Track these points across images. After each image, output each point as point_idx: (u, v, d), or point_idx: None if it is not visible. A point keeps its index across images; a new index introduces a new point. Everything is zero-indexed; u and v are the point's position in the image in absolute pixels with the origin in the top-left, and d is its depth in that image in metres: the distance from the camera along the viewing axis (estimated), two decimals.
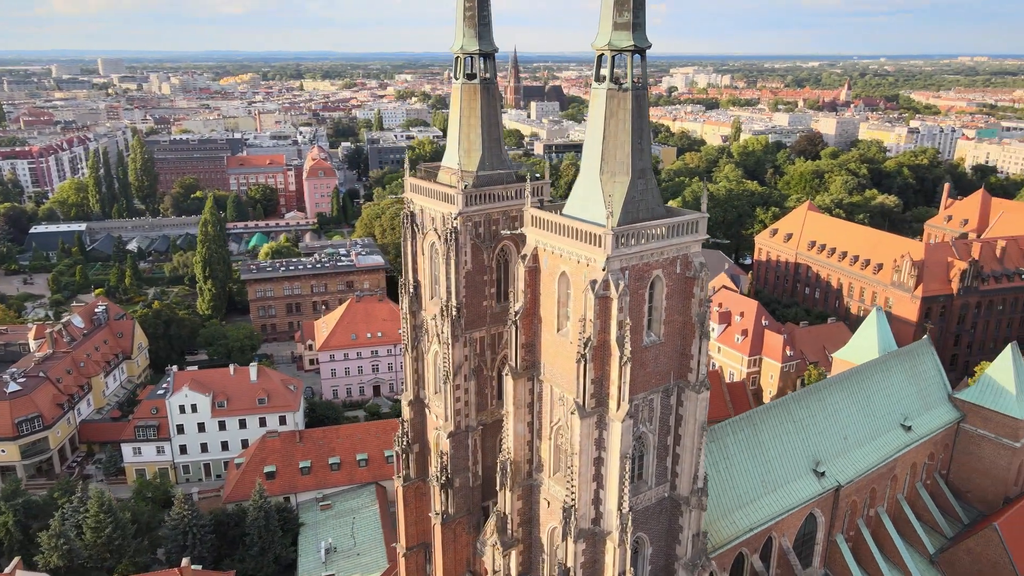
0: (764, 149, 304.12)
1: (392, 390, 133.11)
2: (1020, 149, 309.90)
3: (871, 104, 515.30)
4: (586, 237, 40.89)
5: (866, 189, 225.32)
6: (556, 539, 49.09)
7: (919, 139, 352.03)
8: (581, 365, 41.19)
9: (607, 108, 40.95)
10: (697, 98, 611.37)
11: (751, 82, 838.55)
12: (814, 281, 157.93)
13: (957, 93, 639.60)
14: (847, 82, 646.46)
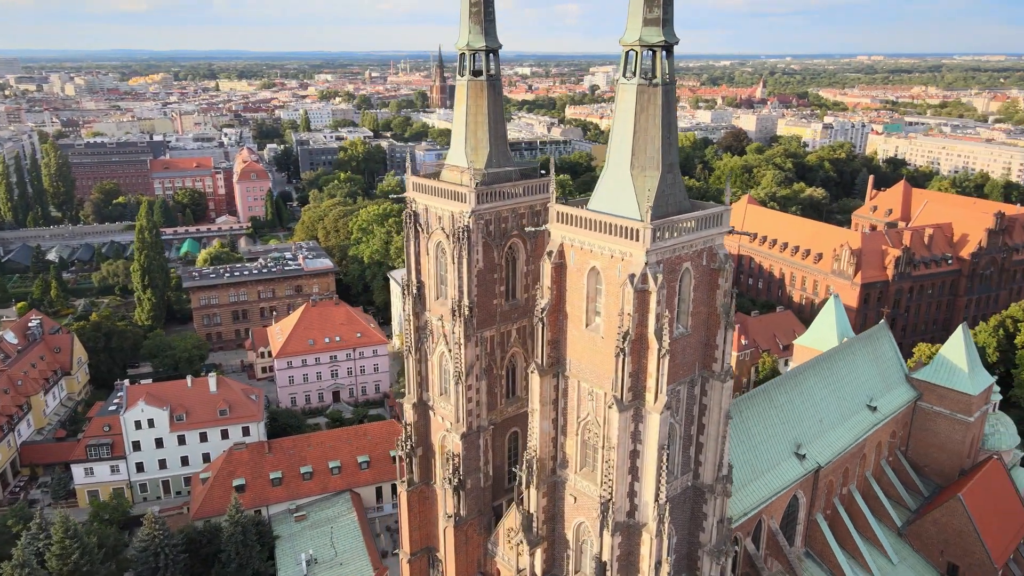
0: (692, 146, 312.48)
1: (352, 395, 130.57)
2: (925, 143, 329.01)
3: (784, 101, 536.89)
4: (621, 231, 41.23)
5: (793, 183, 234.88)
6: (582, 534, 49.38)
7: (833, 134, 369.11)
8: (620, 359, 41.50)
9: (637, 103, 41.37)
10: None
11: None
12: (757, 272, 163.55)
13: (860, 90, 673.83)
14: (761, 80, 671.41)
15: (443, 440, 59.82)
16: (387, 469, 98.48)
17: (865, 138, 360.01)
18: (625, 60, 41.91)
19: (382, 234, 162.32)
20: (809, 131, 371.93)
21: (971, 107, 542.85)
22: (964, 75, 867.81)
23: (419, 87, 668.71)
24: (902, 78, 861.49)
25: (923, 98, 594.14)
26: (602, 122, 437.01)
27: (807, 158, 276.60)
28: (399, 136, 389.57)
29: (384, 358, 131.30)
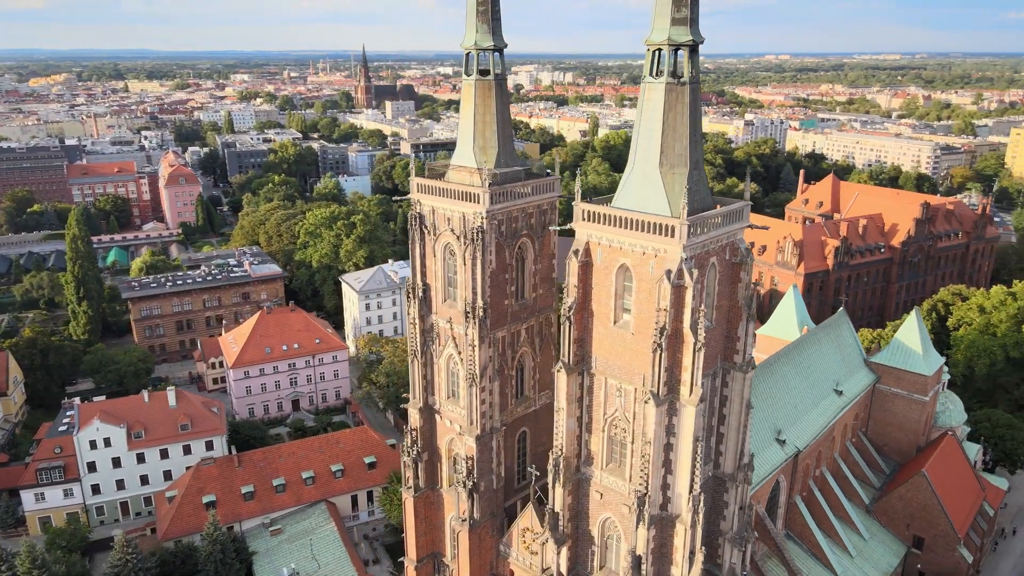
0: (624, 143, 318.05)
1: (312, 403, 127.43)
2: (840, 138, 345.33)
3: (705, 99, 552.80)
4: (654, 228, 41.83)
5: (726, 178, 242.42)
6: (608, 530, 49.86)
7: (754, 131, 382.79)
8: (657, 354, 42.10)
9: (666, 102, 42.07)
10: (545, 95, 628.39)
11: (590, 79, 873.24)
12: None
13: (773, 88, 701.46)
14: None
15: (450, 443, 59.27)
16: (362, 477, 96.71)
17: (784, 134, 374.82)
18: (653, 59, 42.48)
19: (331, 237, 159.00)
20: (732, 128, 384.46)
21: (875, 103, 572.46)
22: (865, 73, 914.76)
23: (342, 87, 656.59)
24: (809, 76, 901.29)
25: (831, 95, 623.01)
26: (531, 120, 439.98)
27: (734, 153, 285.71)
28: (327, 137, 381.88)
29: (344, 364, 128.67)
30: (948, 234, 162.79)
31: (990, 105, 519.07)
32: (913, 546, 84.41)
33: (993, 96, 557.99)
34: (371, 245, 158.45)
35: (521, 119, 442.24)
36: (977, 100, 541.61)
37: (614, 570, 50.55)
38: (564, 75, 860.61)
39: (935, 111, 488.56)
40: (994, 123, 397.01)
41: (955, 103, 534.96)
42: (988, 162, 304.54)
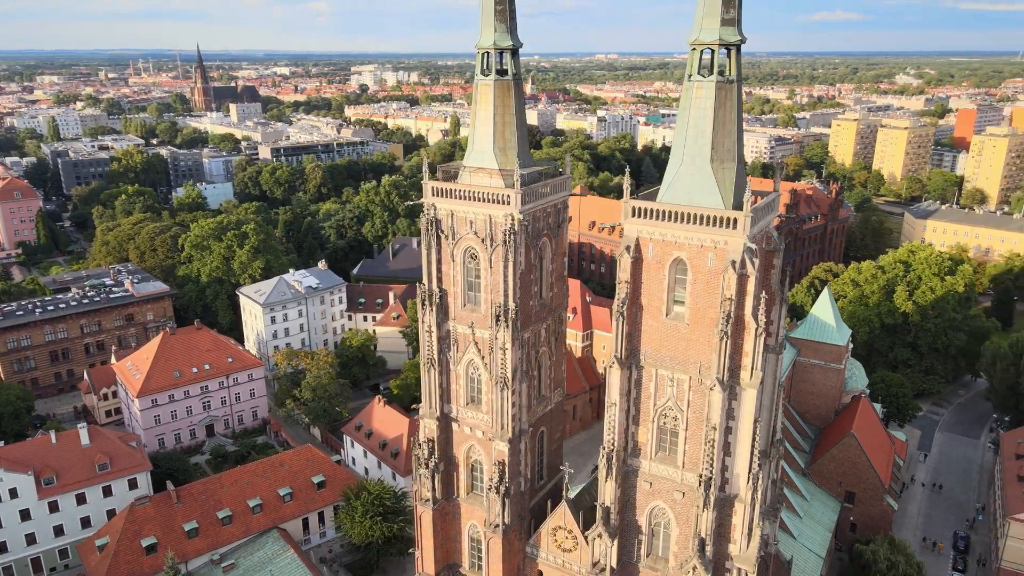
0: None
1: (227, 427, 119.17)
2: None
3: (552, 97, 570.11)
4: (715, 221, 43.46)
5: (597, 173, 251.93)
6: (656, 518, 51.17)
7: (607, 127, 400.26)
8: (723, 342, 43.83)
9: (716, 99, 43.74)
10: (394, 95, 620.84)
11: (434, 79, 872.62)
12: (599, 257, 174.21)
13: (611, 85, 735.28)
14: (530, 77, 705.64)
15: (469, 451, 58.15)
16: (312, 498, 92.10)
17: (635, 129, 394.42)
18: (700, 59, 44.04)
19: (221, 249, 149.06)
20: (587, 124, 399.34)
21: None
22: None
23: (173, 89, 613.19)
24: (640, 75, 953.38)
25: (666, 92, 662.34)
26: (388, 121, 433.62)
27: (599, 149, 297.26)
28: (169, 143, 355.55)
29: (260, 382, 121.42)
30: (810, 217, 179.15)
31: (801, 99, 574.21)
32: (845, 501, 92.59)
33: (803, 91, 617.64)
34: (266, 255, 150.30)
35: (377, 120, 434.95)
36: (791, 95, 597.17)
37: (661, 556, 52.00)
38: (408, 75, 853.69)
39: (758, 105, 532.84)
40: (811, 115, 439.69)
41: (772, 98, 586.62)
42: (815, 151, 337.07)
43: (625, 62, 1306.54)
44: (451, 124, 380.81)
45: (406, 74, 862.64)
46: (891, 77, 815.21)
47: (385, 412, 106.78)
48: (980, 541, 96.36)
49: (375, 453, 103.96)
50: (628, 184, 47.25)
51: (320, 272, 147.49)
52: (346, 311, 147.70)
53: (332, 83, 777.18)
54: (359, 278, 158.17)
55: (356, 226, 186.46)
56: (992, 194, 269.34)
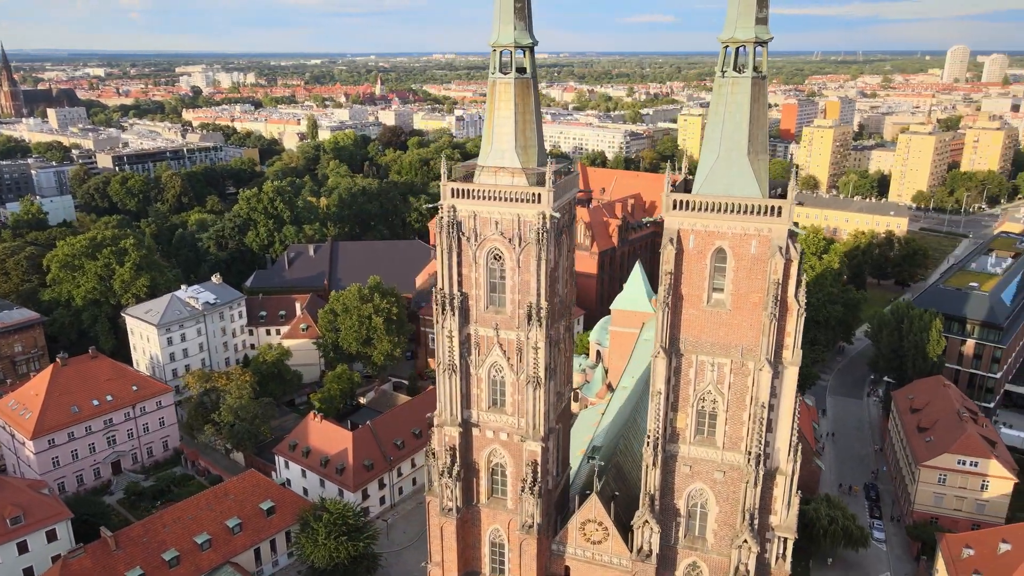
0: (355, 143, 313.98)
1: (136, 461, 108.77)
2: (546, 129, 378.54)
3: (403, 97, 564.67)
4: (760, 210, 45.72)
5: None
6: (693, 499, 53.05)
7: (465, 126, 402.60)
8: (771, 324, 46.25)
9: (752, 95, 45.98)
10: (233, 96, 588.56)
11: (271, 80, 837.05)
12: None
13: (459, 85, 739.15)
14: (379, 78, 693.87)
15: (489, 455, 57.26)
16: (262, 526, 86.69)
17: None
18: (735, 55, 46.10)
19: (97, 269, 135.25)
20: (446, 123, 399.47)
21: (549, 97, 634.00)
22: None
23: None
24: (483, 74, 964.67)
25: None
26: (236, 124, 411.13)
27: (467, 148, 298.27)
28: None
29: (170, 409, 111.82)
30: None
31: (639, 96, 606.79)
32: None
33: (640, 89, 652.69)
34: (150, 272, 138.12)
35: (223, 123, 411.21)
36: (630, 92, 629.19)
37: (699, 536, 53.95)
38: (244, 76, 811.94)
39: (602, 102, 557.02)
40: (654, 112, 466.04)
41: (613, 95, 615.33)
42: (666, 144, 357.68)
43: (464, 61, 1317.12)
44: (308, 126, 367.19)
45: (241, 75, 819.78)
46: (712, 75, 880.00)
47: (323, 428, 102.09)
48: (886, 489, 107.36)
49: (316, 472, 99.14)
50: (669, 179, 48.54)
51: (215, 286, 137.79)
52: (246, 326, 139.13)
53: (159, 85, 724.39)
54: (254, 290, 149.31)
55: (238, 236, 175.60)
56: (823, 180, 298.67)
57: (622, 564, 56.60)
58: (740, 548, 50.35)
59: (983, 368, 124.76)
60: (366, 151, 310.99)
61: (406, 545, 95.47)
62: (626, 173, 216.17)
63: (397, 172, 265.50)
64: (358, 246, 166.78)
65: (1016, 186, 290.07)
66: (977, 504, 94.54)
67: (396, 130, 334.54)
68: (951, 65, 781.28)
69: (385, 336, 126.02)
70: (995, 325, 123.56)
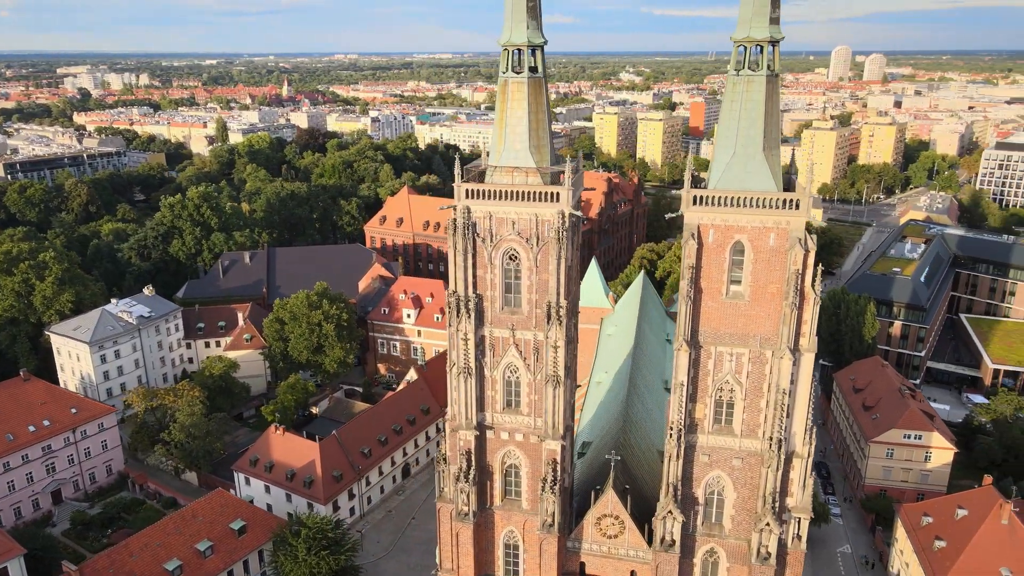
0: (270, 146, 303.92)
1: (78, 488, 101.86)
2: (465, 129, 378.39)
3: (312, 98, 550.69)
4: (779, 204, 47.34)
5: (400, 173, 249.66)
6: (711, 486, 54.41)
7: (381, 127, 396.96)
8: (793, 313, 47.98)
9: (766, 92, 47.52)
10: (128, 99, 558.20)
11: (165, 81, 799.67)
12: (436, 256, 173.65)
13: (366, 86, 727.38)
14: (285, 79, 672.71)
15: (503, 457, 56.89)
16: (234, 547, 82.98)
17: (412, 128, 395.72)
18: (747, 55, 47.51)
19: (14, 284, 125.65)
20: (360, 125, 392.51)
21: (461, 98, 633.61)
22: (436, 71, 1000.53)
23: None
24: (390, 74, 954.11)
25: (421, 91, 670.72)
26: (137, 128, 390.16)
27: (389, 149, 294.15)
28: None
29: (113, 431, 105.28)
30: (621, 203, 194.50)
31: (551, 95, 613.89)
32: None
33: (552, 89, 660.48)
34: (74, 287, 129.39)
35: (120, 127, 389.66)
36: None
37: (715, 522, 55.34)
38: (137, 77, 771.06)
39: None
40: (567, 110, 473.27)
41: None
42: (583, 142, 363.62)
43: (368, 62, 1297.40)
44: (217, 129, 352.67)
45: (132, 76, 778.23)
46: (616, 75, 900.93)
47: (286, 440, 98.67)
48: (834, 466, 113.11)
49: (282, 486, 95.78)
50: (689, 174, 49.53)
51: (148, 299, 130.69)
52: (184, 339, 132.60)
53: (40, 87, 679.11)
54: (187, 301, 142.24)
55: (162, 245, 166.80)
56: None
57: (639, 556, 57.45)
58: (762, 531, 52.01)
59: (910, 347, 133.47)
60: (283, 154, 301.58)
61: (381, 555, 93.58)
62: None
63: (320, 175, 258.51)
64: (296, 252, 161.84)
65: (908, 177, 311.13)
66: (921, 474, 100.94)
67: (312, 132, 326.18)
68: (836, 65, 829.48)
69: (337, 343, 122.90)
70: (918, 307, 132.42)
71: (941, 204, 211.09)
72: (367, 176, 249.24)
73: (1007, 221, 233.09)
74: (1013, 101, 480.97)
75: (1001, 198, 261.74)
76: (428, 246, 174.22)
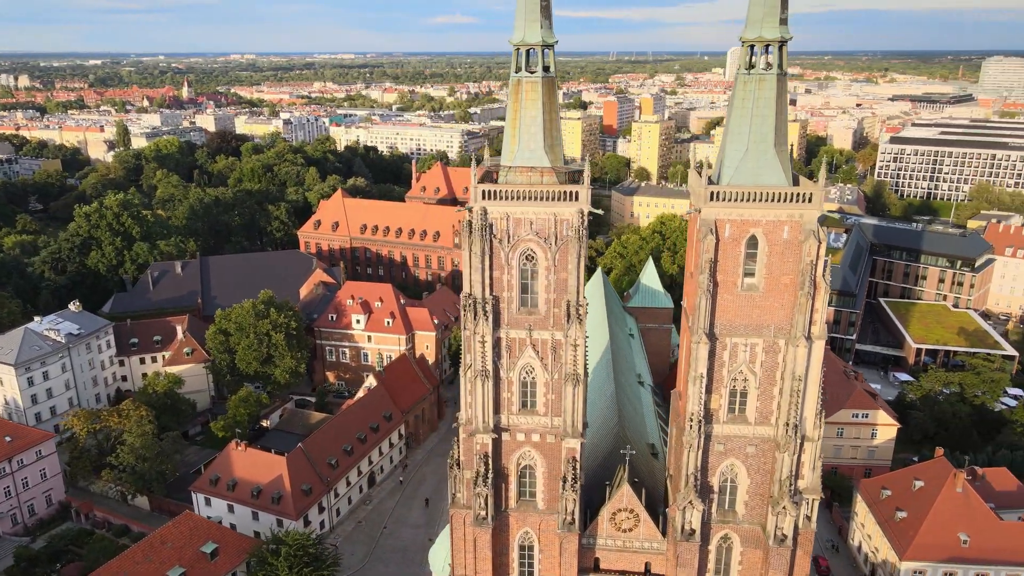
0: (180, 150, 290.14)
1: (16, 522, 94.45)
2: (382, 130, 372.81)
3: (215, 100, 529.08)
4: (793, 198, 49.09)
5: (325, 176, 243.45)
6: (724, 475, 55.86)
7: (293, 129, 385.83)
8: (808, 302, 49.87)
9: (777, 90, 49.17)
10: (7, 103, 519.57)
11: (47, 83, 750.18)
12: (375, 260, 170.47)
13: (270, 87, 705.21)
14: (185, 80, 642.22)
15: (519, 459, 56.54)
16: (208, 570, 79.16)
17: (326, 130, 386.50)
18: (750, 54, 49.08)
19: None
20: (272, 127, 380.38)
21: (371, 98, 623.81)
22: (340, 72, 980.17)
23: None
24: (293, 75, 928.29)
25: (329, 93, 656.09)
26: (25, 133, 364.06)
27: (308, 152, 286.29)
28: None
29: (53, 458, 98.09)
30: None
31: (462, 96, 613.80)
32: None
33: (461, 88, 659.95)
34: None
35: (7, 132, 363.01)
36: (451, 92, 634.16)
37: (729, 509, 56.80)
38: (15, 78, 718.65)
39: (426, 103, 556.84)
40: (481, 110, 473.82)
41: (435, 95, 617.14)
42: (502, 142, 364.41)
43: (267, 62, 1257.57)
44: (119, 134, 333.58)
45: (10, 77, 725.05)
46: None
47: (249, 456, 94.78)
48: None
49: (248, 504, 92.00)
50: (707, 172, 50.54)
51: (75, 315, 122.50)
52: (117, 356, 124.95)
53: None
54: (116, 316, 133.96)
55: (78, 258, 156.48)
56: (653, 171, 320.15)
57: (653, 547, 58.35)
58: (778, 514, 53.81)
59: (842, 331, 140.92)
60: (194, 158, 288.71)
61: (358, 568, 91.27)
62: None
63: (239, 180, 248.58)
64: (230, 260, 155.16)
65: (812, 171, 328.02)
66: (868, 451, 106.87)
67: (224, 135, 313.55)
68: (732, 64, 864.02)
69: (288, 352, 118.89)
70: (849, 292, 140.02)
71: (851, 196, 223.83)
72: (289, 180, 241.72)
73: (906, 210, 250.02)
74: (896, 98, 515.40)
75: (898, 189, 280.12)
76: (367, 250, 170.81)
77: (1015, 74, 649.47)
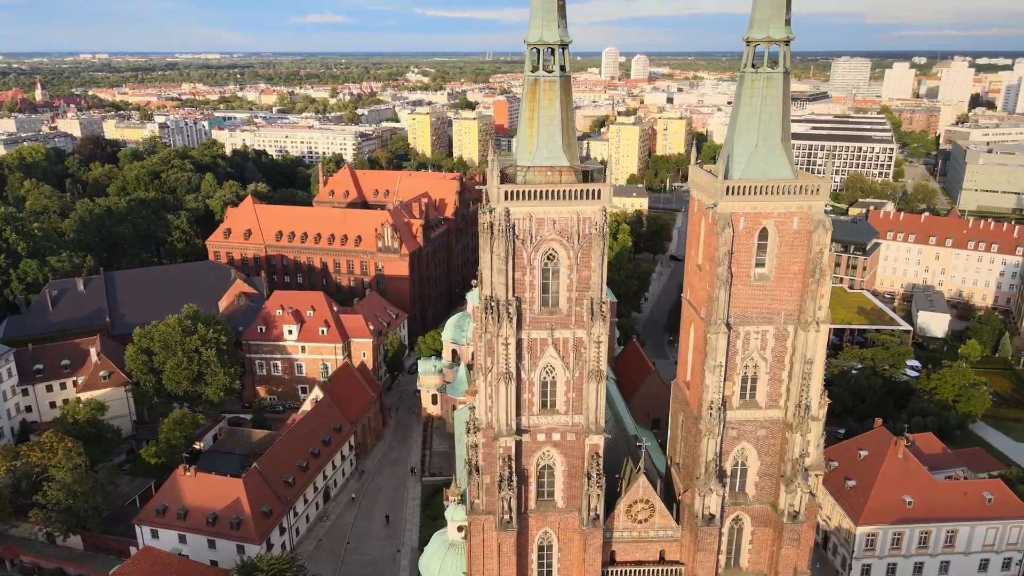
0: (47, 158, 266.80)
1: None
2: (271, 133, 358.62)
3: (74, 103, 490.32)
4: (800, 191, 51.52)
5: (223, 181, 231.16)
6: (737, 459, 57.93)
7: (170, 133, 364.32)
8: (816, 289, 52.52)
9: (783, 89, 51.43)
10: None
11: None
12: (293, 268, 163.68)
13: (134, 88, 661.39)
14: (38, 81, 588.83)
15: (539, 459, 56.27)
16: None
17: (207, 134, 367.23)
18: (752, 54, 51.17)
19: None
20: (147, 132, 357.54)
21: (247, 100, 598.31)
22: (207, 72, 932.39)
23: None
24: (155, 76, 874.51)
25: (201, 95, 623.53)
26: None
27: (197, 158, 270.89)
28: None
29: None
30: (473, 200, 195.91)
31: (345, 97, 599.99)
32: (651, 427, 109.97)
33: (343, 90, 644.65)
34: None
35: None
36: (334, 93, 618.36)
37: (740, 491, 58.85)
38: None
39: (308, 104, 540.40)
40: (369, 112, 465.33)
41: (317, 97, 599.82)
42: (397, 143, 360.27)
43: (124, 62, 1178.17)
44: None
45: None
46: (403, 75, 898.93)
47: (199, 482, 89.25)
48: None
49: (203, 532, 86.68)
50: (722, 168, 52.03)
51: None
52: (19, 385, 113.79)
53: None
54: (13, 341, 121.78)
55: None
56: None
57: (667, 535, 59.68)
58: (792, 492, 56.37)
59: None
60: (64, 166, 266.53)
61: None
62: (415, 174, 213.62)
63: (121, 188, 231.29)
64: (137, 274, 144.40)
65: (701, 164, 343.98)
66: None
67: (96, 141, 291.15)
68: (607, 65, 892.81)
69: (220, 369, 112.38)
70: None
71: None
72: (180, 187, 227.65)
73: None
74: None
75: None
76: (283, 257, 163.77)
77: (860, 73, 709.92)
